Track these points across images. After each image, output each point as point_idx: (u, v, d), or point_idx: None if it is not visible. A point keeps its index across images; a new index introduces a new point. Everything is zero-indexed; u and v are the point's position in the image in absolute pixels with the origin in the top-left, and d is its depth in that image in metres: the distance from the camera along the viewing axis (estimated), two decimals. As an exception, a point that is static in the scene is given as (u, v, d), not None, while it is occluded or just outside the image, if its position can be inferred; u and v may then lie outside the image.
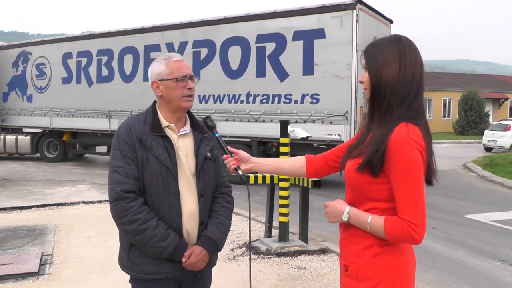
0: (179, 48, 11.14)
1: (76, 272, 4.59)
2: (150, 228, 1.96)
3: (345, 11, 8.97)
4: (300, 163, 2.02)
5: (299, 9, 9.73)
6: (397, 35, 1.70)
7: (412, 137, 1.55)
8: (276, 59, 9.81)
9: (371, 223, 1.63)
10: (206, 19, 11.07)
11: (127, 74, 12.24)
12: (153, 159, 2.00)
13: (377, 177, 1.61)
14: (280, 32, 9.73)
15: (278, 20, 9.84)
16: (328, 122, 9.16)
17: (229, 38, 10.42)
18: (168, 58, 2.10)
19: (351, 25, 8.87)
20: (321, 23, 9.26)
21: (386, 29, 10.46)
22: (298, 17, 9.59)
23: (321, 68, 9.26)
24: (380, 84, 1.64)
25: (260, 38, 10.00)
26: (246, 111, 10.18)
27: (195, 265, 2.05)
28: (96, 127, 12.98)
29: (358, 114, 8.90)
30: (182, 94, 2.06)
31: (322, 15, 9.26)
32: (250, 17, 10.35)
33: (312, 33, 9.33)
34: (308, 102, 9.41)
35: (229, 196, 2.26)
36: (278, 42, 9.77)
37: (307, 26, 9.41)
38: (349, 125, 8.94)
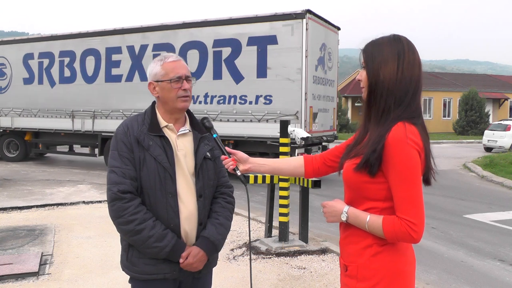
0: (139, 51, 11.67)
1: (76, 272, 4.59)
2: (147, 229, 1.96)
3: (295, 20, 9.69)
4: (298, 163, 2.03)
5: (253, 17, 10.43)
6: (396, 35, 1.69)
7: (410, 136, 1.55)
8: (232, 62, 10.44)
9: (369, 222, 1.63)
10: (165, 24, 11.68)
11: (89, 75, 12.57)
12: (151, 159, 2.00)
13: (375, 177, 1.62)
14: (235, 38, 10.35)
15: (234, 26, 10.47)
16: None
17: (188, 42, 11.01)
18: (163, 59, 2.09)
19: (301, 33, 9.61)
20: (274, 30, 9.95)
21: (334, 36, 11.34)
22: (253, 24, 10.27)
23: (273, 71, 9.92)
24: (378, 83, 1.64)
25: (217, 43, 10.61)
26: (204, 111, 10.66)
27: (193, 265, 2.04)
28: (59, 126, 13.20)
29: (308, 114, 9.74)
30: (177, 95, 2.05)
31: (274, 23, 9.96)
32: (207, 23, 10.95)
33: (265, 39, 10.01)
34: (262, 103, 10.08)
35: (230, 196, 2.25)
36: (234, 47, 10.40)
37: (260, 32, 10.09)
38: (299, 123, 9.58)
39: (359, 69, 1.78)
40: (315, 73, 10.20)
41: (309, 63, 9.72)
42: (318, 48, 10.29)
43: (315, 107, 10.25)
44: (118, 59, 12.01)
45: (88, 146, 13.11)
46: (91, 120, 12.54)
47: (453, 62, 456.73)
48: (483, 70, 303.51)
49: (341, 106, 31.19)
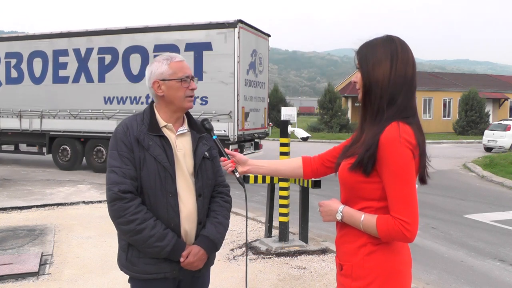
0: (85, 54, 12.24)
1: (76, 272, 4.59)
2: (147, 228, 1.96)
3: (228, 29, 10.68)
4: (296, 164, 2.03)
5: (190, 25, 11.43)
6: (390, 36, 1.71)
7: (403, 136, 1.56)
8: None
9: (364, 221, 1.64)
10: (109, 29, 12.36)
11: (37, 76, 12.87)
12: (151, 159, 2.00)
13: (370, 177, 1.63)
14: (174, 44, 11.16)
15: (173, 33, 11.36)
16: (215, 120, 10.65)
17: (130, 46, 11.73)
18: (170, 58, 2.10)
19: (233, 40, 10.59)
20: (209, 38, 10.90)
21: (265, 42, 12.38)
22: (190, 31, 11.19)
23: (209, 75, 10.79)
24: (372, 84, 1.66)
25: (157, 48, 11.35)
26: None
27: (193, 264, 2.05)
28: (7, 126, 13.36)
29: (240, 113, 10.75)
30: (185, 95, 2.07)
31: (209, 31, 10.93)
32: (148, 29, 11.78)
33: (201, 46, 10.96)
34: (199, 104, 10.84)
35: (227, 195, 2.27)
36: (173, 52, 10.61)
37: (197, 39, 11.01)
38: (232, 122, 10.65)
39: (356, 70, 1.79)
40: (247, 77, 11.17)
41: (241, 67, 10.68)
42: (249, 54, 11.28)
43: (247, 107, 11.22)
44: (65, 61, 12.51)
45: (36, 145, 13.37)
46: (39, 120, 12.86)
47: (453, 62, 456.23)
48: (483, 70, 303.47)
49: (341, 106, 31.22)
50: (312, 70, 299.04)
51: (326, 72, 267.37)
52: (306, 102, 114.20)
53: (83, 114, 12.34)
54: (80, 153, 12.66)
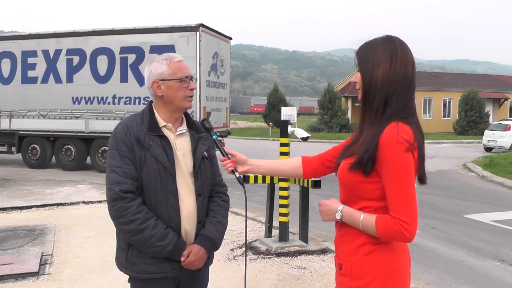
0: (54, 55, 12.56)
1: (76, 272, 4.59)
2: (149, 228, 1.96)
3: (190, 32, 11.24)
4: (296, 164, 2.04)
5: (154, 28, 11.90)
6: (389, 36, 1.71)
7: (403, 136, 1.56)
8: (136, 68, 11.71)
9: (363, 221, 1.64)
10: (77, 31, 12.72)
11: (5, 77, 13.09)
12: (151, 159, 2.00)
13: (369, 176, 1.63)
14: (139, 46, 11.71)
15: (138, 35, 11.88)
16: None
17: (98, 48, 12.13)
18: (169, 58, 2.10)
19: (195, 43, 11.17)
20: (172, 40, 11.42)
21: (226, 45, 13.07)
22: (154, 34, 11.73)
23: None
24: (371, 84, 1.66)
25: (123, 50, 11.87)
26: (113, 111, 12.02)
27: (194, 264, 2.06)
28: None
29: (202, 113, 11.38)
30: (185, 95, 2.07)
31: (172, 34, 11.48)
32: (115, 31, 12.26)
33: (165, 48, 11.10)
34: None
35: (225, 195, 2.28)
36: (138, 54, 11.75)
37: (161, 42, 11.50)
38: None
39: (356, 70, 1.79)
40: (208, 78, 11.79)
41: (202, 69, 11.28)
42: (211, 56, 11.91)
43: (209, 107, 11.88)
44: (34, 62, 12.76)
45: (5, 144, 13.51)
46: (8, 120, 13.07)
47: (453, 62, 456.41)
48: (483, 70, 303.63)
49: (341, 106, 31.23)
50: (312, 70, 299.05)
51: (326, 72, 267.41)
52: (306, 102, 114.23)
53: (52, 113, 12.60)
54: (50, 152, 12.94)
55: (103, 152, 12.32)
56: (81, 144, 12.57)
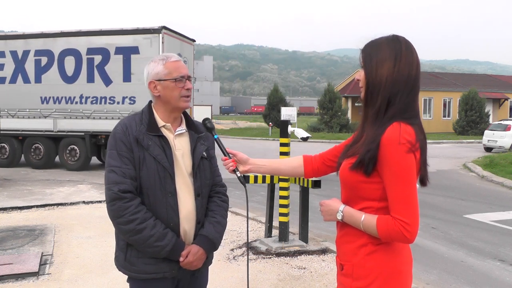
0: (22, 56, 12.97)
1: (76, 272, 4.59)
2: (147, 228, 1.96)
3: (153, 34, 11.82)
4: (297, 164, 2.03)
5: (119, 30, 12.49)
6: (395, 35, 1.70)
7: (405, 136, 1.55)
8: (102, 68, 12.29)
9: (364, 221, 1.64)
10: (45, 32, 13.08)
11: None
12: (150, 159, 2.00)
13: (371, 177, 1.62)
14: (105, 47, 12.20)
15: (104, 37, 12.36)
16: None
17: (65, 49, 12.58)
18: (166, 58, 2.10)
19: (158, 45, 11.71)
20: (136, 42, 12.00)
21: (189, 47, 13.67)
22: (119, 36, 12.24)
23: (136, 76, 11.88)
24: (375, 82, 1.65)
25: (90, 51, 12.36)
26: (80, 110, 12.54)
27: (193, 264, 2.05)
28: None
29: None
30: (181, 95, 2.07)
31: (136, 36, 12.02)
32: (81, 33, 12.73)
33: (129, 49, 12.00)
34: (128, 103, 12.06)
35: (224, 195, 2.27)
36: (104, 55, 12.26)
37: (125, 43, 12.07)
38: None
39: (359, 69, 1.78)
40: None
41: None
42: None
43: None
44: (2, 62, 13.08)
45: None
46: None
47: (453, 62, 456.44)
48: (483, 70, 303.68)
49: (341, 106, 31.24)
50: (312, 70, 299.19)
51: (326, 72, 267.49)
52: (306, 102, 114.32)
53: (21, 113, 12.86)
54: (18, 151, 13.16)
55: (71, 151, 12.73)
56: (50, 142, 12.87)
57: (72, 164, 12.72)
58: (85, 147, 12.49)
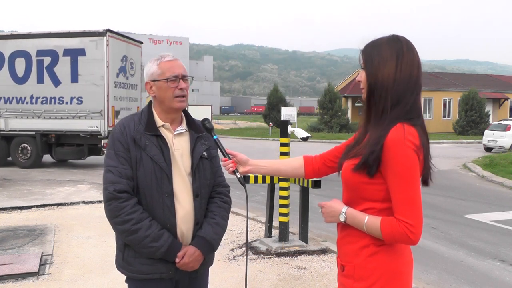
0: None
1: (76, 272, 4.59)
2: (143, 229, 1.95)
3: (99, 37, 12.22)
4: (298, 164, 2.02)
5: (67, 32, 12.81)
6: (396, 35, 1.69)
7: (408, 138, 1.55)
8: (51, 70, 12.63)
9: (367, 223, 1.63)
10: None
11: None
12: (147, 159, 1.99)
13: (374, 178, 1.61)
14: (54, 49, 12.54)
15: (52, 39, 12.68)
16: (89, 118, 12.36)
17: (16, 51, 12.86)
18: (160, 58, 2.09)
19: (103, 47, 12.15)
20: (83, 44, 12.39)
21: (136, 49, 13.98)
22: (67, 38, 12.59)
23: (83, 78, 12.38)
24: (377, 83, 1.64)
25: (40, 53, 12.67)
26: (31, 110, 12.85)
27: (189, 265, 2.04)
28: None
29: (110, 112, 12.33)
30: (174, 95, 2.04)
31: (83, 38, 12.43)
32: (31, 35, 13.04)
33: (76, 51, 12.40)
34: (75, 103, 12.48)
35: (226, 196, 2.24)
36: (53, 57, 12.60)
37: (73, 45, 12.43)
38: (103, 120, 12.23)
39: (359, 69, 1.77)
40: (117, 79, 12.70)
41: (110, 71, 12.24)
42: (119, 59, 12.85)
43: (118, 106, 12.74)
44: None
45: None
46: None
47: (453, 62, 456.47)
48: (483, 70, 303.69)
49: (341, 106, 31.24)
50: (312, 70, 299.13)
51: (326, 72, 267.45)
52: (306, 102, 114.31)
53: None
54: None
55: (23, 149, 13.05)
56: (2, 142, 13.11)
57: (24, 162, 13.05)
58: (36, 146, 12.81)
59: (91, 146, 12.85)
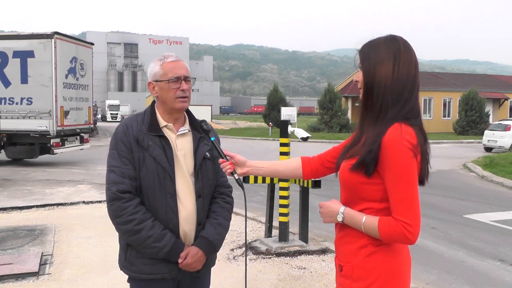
0: None
1: (76, 272, 4.59)
2: (145, 229, 1.96)
3: (46, 39, 12.51)
4: (296, 165, 2.01)
5: (16, 34, 13.25)
6: (393, 35, 1.69)
7: (406, 137, 1.55)
8: (1, 71, 12.93)
9: (365, 223, 1.63)
10: None
11: None
12: (150, 159, 1.99)
13: (371, 178, 1.61)
14: (3, 51, 12.81)
15: (2, 41, 13.00)
16: (39, 117, 12.61)
17: None
18: (163, 58, 2.08)
19: (51, 50, 12.46)
20: (32, 46, 12.65)
21: (87, 50, 14.36)
22: (16, 40, 12.89)
23: (33, 79, 12.66)
24: (374, 83, 1.64)
25: None
26: None
27: (191, 265, 2.04)
28: None
29: (59, 112, 12.68)
30: (176, 96, 2.04)
31: (32, 41, 12.70)
32: None
33: (25, 53, 12.67)
34: (25, 104, 12.76)
35: (228, 196, 2.24)
36: (2, 58, 12.88)
37: (22, 47, 12.72)
38: (52, 119, 12.56)
39: (357, 69, 1.77)
40: (66, 80, 13.00)
41: (58, 72, 12.54)
42: (68, 61, 13.12)
43: (67, 106, 13.06)
44: None
45: None
46: None
47: (453, 62, 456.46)
48: (483, 70, 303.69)
49: (341, 106, 31.25)
50: (312, 70, 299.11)
51: (326, 72, 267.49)
52: (306, 102, 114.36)
53: None
54: None
55: None
56: None
57: None
58: None
59: (42, 145, 13.01)
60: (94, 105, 43.51)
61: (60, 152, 13.40)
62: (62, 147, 13.31)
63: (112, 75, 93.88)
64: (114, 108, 57.56)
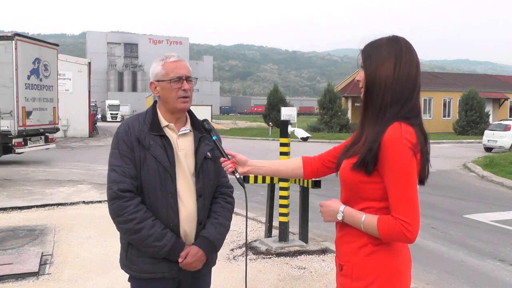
0: None
1: (76, 272, 4.59)
2: (146, 228, 1.96)
3: (7, 41, 12.61)
4: (296, 165, 2.02)
5: None
6: (395, 36, 1.70)
7: (405, 136, 1.56)
8: None
9: (365, 222, 1.64)
10: None
11: None
12: (151, 159, 2.00)
13: (371, 177, 1.62)
14: None
15: None
16: (0, 118, 12.59)
17: None
18: (165, 58, 2.09)
19: (12, 51, 12.57)
20: None
21: (51, 51, 14.54)
22: None
23: None
24: (375, 83, 1.65)
25: None
26: None
27: (192, 265, 2.05)
28: None
29: (20, 112, 12.82)
30: (178, 96, 2.05)
31: None
32: None
33: None
34: None
35: (229, 196, 2.25)
36: None
37: None
38: (14, 120, 12.66)
39: (359, 69, 1.78)
40: (28, 81, 13.11)
41: (20, 74, 12.65)
42: (30, 62, 13.21)
43: (29, 107, 13.16)
44: None
45: None
46: None
47: (453, 62, 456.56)
48: (483, 70, 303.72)
49: (341, 106, 31.26)
50: (312, 70, 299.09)
51: (326, 72, 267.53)
52: (306, 102, 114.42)
53: None
54: None
55: None
56: None
57: None
58: None
59: (4, 145, 13.01)
60: (94, 105, 43.52)
61: (23, 151, 13.46)
62: (25, 147, 13.35)
63: (112, 75, 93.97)
64: (114, 108, 57.64)
